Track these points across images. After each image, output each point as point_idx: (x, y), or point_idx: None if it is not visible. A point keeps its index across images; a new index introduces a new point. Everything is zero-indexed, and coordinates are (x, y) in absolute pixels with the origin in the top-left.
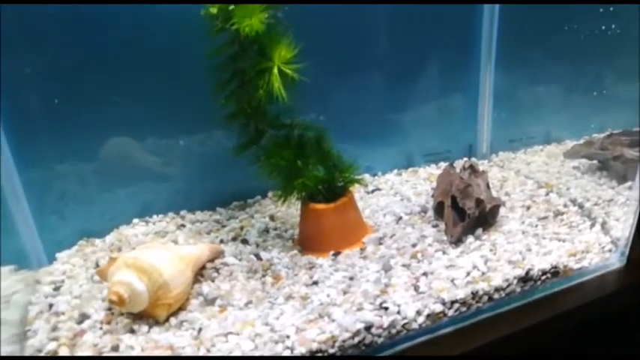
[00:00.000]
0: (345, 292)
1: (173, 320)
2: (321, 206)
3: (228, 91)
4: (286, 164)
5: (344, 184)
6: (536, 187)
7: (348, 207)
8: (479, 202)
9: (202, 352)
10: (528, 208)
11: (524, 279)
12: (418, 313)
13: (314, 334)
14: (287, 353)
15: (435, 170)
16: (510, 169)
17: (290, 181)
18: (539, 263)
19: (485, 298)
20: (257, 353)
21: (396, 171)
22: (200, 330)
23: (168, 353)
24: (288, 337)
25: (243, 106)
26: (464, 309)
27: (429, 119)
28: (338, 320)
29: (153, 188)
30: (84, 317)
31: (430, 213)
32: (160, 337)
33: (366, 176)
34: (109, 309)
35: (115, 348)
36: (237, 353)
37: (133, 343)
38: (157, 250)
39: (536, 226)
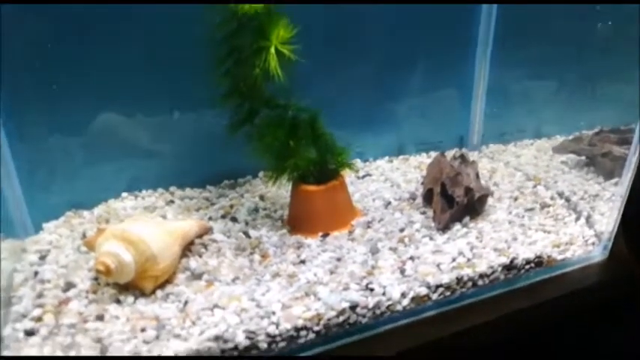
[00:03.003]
0: (332, 272)
1: (159, 293)
2: (311, 188)
3: (224, 69)
4: (279, 144)
5: (336, 168)
6: (524, 179)
7: (338, 190)
8: (468, 191)
9: (188, 325)
10: (516, 199)
11: (509, 267)
12: (403, 295)
13: (299, 312)
14: (272, 329)
15: (425, 159)
16: (500, 160)
17: (282, 161)
18: (523, 252)
19: (470, 283)
20: (242, 328)
21: (387, 158)
22: (186, 303)
23: (153, 324)
24: (273, 313)
25: (239, 84)
26: (448, 293)
27: (422, 109)
28: (324, 299)
29: (143, 164)
30: (70, 286)
31: (419, 200)
32: (145, 309)
33: (358, 161)
34: (95, 279)
35: (100, 317)
36: (222, 327)
37: (119, 313)
38: (146, 223)
39: (523, 216)
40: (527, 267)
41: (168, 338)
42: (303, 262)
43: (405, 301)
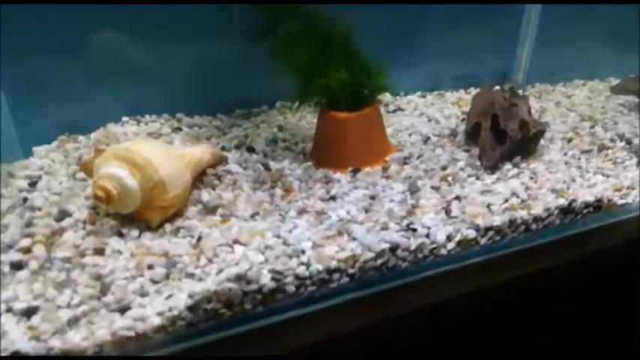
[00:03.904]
0: (366, 211)
1: (168, 226)
2: (343, 115)
3: None
4: (306, 60)
5: (370, 93)
6: (578, 120)
7: (373, 119)
8: (523, 124)
9: (203, 263)
10: (570, 140)
11: (566, 210)
12: (449, 238)
13: (332, 251)
14: (302, 270)
15: (464, 95)
16: (549, 100)
17: (309, 81)
18: (583, 195)
19: (522, 227)
20: (267, 267)
21: (419, 93)
22: (200, 238)
23: (162, 261)
24: (303, 252)
25: None
26: (498, 238)
27: (461, 42)
28: (360, 238)
29: (146, 87)
30: (64, 214)
31: (460, 138)
32: (152, 244)
33: (387, 95)
34: (94, 208)
35: (100, 251)
36: (244, 265)
37: (122, 247)
38: (153, 144)
39: (579, 158)
40: (585, 211)
41: (180, 277)
42: (333, 198)
43: (451, 245)
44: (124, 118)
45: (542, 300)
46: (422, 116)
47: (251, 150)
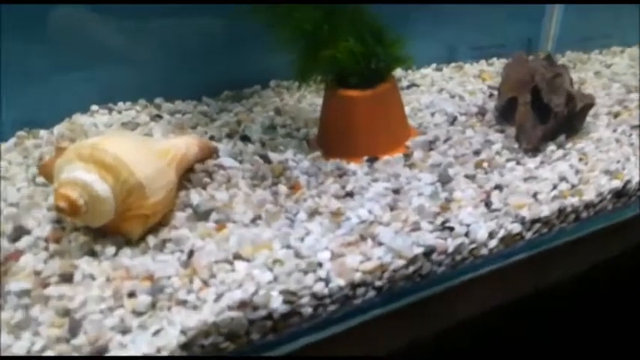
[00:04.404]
0: (392, 208)
1: (152, 239)
2: (355, 93)
3: None
4: (310, 29)
5: (385, 66)
6: (624, 91)
7: (390, 97)
8: (569, 98)
9: (197, 286)
10: (617, 115)
11: (620, 193)
12: (491, 235)
13: (356, 262)
14: (320, 287)
15: (486, 67)
16: (587, 70)
17: (313, 54)
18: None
19: (572, 216)
20: (278, 287)
21: (434, 66)
22: (191, 253)
23: (146, 286)
24: (320, 265)
25: None
26: (545, 230)
27: (478, 7)
28: (387, 243)
29: (119, 70)
30: (21, 232)
31: (490, 116)
32: (133, 263)
33: (397, 70)
34: (59, 221)
35: (67, 278)
36: (249, 287)
37: (95, 270)
38: (126, 138)
39: (630, 135)
40: (639, 193)
41: (169, 306)
42: (349, 194)
43: (493, 243)
44: (94, 107)
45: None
46: (442, 92)
47: (246, 139)
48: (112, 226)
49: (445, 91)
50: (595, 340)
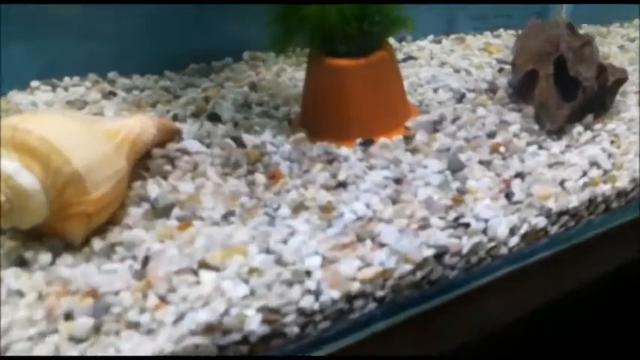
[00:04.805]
0: (394, 201)
1: (97, 243)
2: (345, 62)
3: None
4: None
5: (380, 30)
6: None
7: (387, 67)
8: (601, 70)
9: (152, 303)
10: None
11: None
12: (512, 231)
13: (353, 268)
14: (309, 301)
15: (491, 39)
16: (609, 44)
17: (292, 15)
18: None
19: (602, 207)
20: (255, 304)
21: (432, 37)
22: (146, 260)
23: (88, 304)
24: (308, 273)
25: None
26: (571, 223)
27: None
28: (391, 244)
29: (64, 39)
30: None
31: (502, 93)
32: (73, 274)
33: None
34: None
35: None
36: (219, 303)
37: (24, 284)
38: (61, 117)
39: None
40: None
41: (117, 330)
42: (342, 185)
43: (514, 240)
44: (34, 83)
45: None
46: (444, 66)
47: (215, 118)
48: (47, 227)
49: (448, 65)
50: (629, 348)
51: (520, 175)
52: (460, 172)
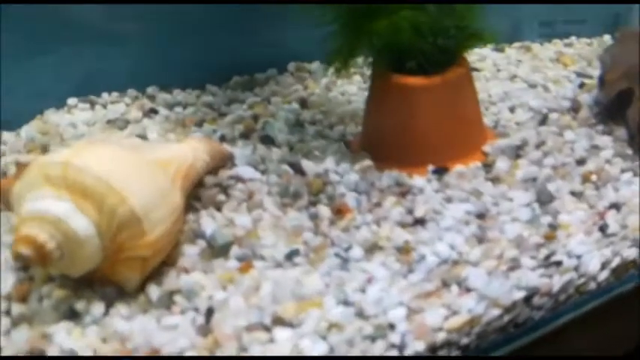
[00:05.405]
0: (479, 240)
1: (154, 290)
2: (417, 81)
3: None
4: None
5: (456, 44)
6: None
7: (463, 84)
8: None
9: None
10: None
11: None
12: (603, 265)
13: (439, 318)
14: (392, 354)
15: (563, 48)
16: None
17: (359, 26)
18: None
19: None
20: None
21: (491, 45)
22: (210, 312)
23: None
24: (392, 327)
25: None
26: None
27: None
28: (480, 289)
29: (102, 53)
30: None
31: (587, 112)
32: (130, 328)
33: None
34: (25, 269)
35: (38, 355)
36: None
37: (77, 342)
38: (111, 147)
39: None
40: None
41: None
42: (420, 222)
43: (604, 275)
44: (71, 101)
45: None
46: (515, 80)
47: (267, 140)
48: (99, 273)
49: (519, 78)
50: None
51: (615, 206)
52: (550, 205)
